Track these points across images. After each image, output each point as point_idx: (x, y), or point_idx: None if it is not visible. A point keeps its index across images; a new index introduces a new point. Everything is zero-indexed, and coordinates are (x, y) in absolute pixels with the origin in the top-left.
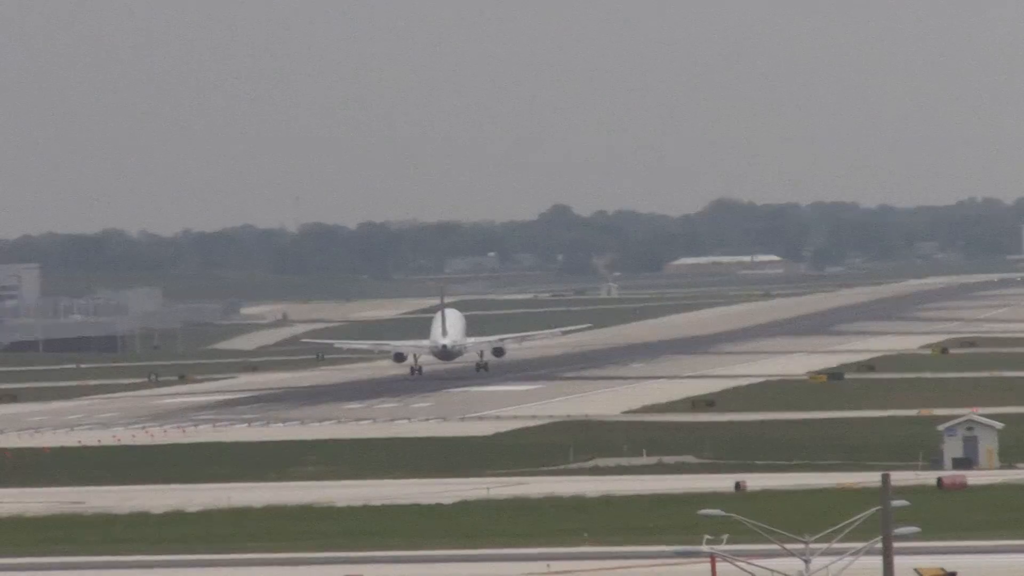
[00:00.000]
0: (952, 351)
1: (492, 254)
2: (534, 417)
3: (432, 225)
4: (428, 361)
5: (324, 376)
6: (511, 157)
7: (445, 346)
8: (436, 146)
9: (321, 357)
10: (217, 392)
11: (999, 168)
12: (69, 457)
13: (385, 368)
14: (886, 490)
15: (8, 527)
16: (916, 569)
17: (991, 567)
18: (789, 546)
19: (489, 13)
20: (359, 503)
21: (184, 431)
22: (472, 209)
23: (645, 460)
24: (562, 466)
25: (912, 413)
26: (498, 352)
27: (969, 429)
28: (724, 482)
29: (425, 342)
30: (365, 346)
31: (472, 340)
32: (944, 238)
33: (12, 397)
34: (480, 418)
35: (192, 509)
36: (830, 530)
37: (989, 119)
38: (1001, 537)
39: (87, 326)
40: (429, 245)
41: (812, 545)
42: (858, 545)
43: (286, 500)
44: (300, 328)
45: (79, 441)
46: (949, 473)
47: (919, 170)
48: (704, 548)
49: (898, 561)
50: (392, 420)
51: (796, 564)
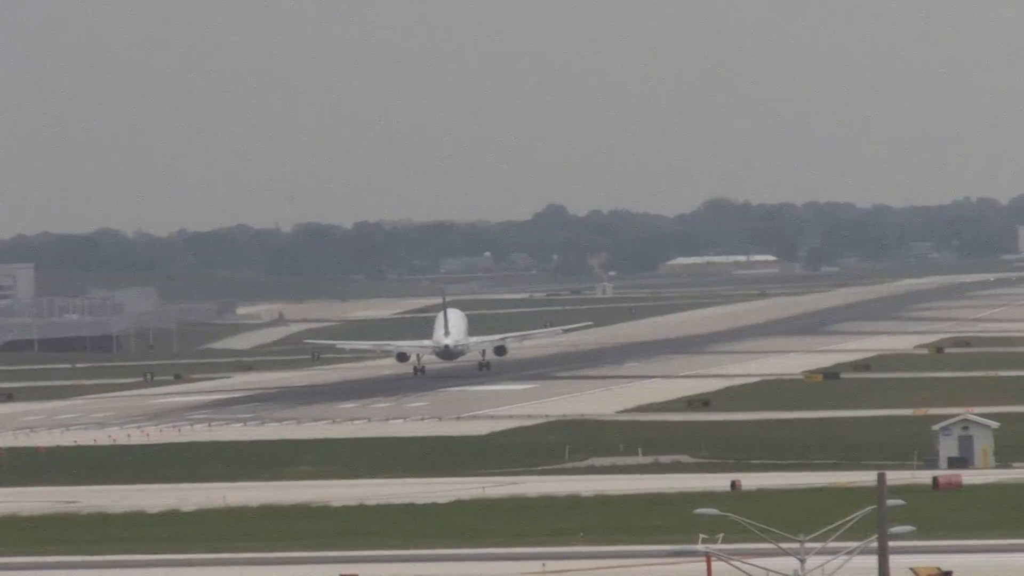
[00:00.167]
0: (947, 351)
1: (487, 254)
2: (529, 416)
3: (427, 225)
4: (430, 360)
5: (319, 376)
6: (506, 157)
7: (447, 346)
8: (431, 146)
9: (316, 357)
10: (212, 392)
11: (994, 168)
12: (64, 456)
13: (380, 367)
14: (882, 489)
15: (3, 527)
16: (911, 568)
17: (986, 566)
18: (784, 545)
19: (484, 13)
20: (354, 503)
21: (179, 430)
22: (467, 209)
23: (641, 459)
24: (557, 465)
25: (908, 412)
26: (500, 351)
27: (964, 428)
28: (720, 481)
29: (427, 342)
30: (367, 346)
31: (474, 339)
32: (939, 238)
33: (7, 396)
34: (475, 417)
35: (187, 508)
36: (825, 529)
37: (984, 119)
38: (996, 536)
39: (82, 326)
40: (424, 245)
41: (807, 544)
42: (853, 544)
43: (281, 500)
44: (295, 328)
45: (74, 441)
46: (944, 472)
47: (914, 170)
48: (700, 547)
49: (893, 560)
50: (387, 420)
51: (792, 563)
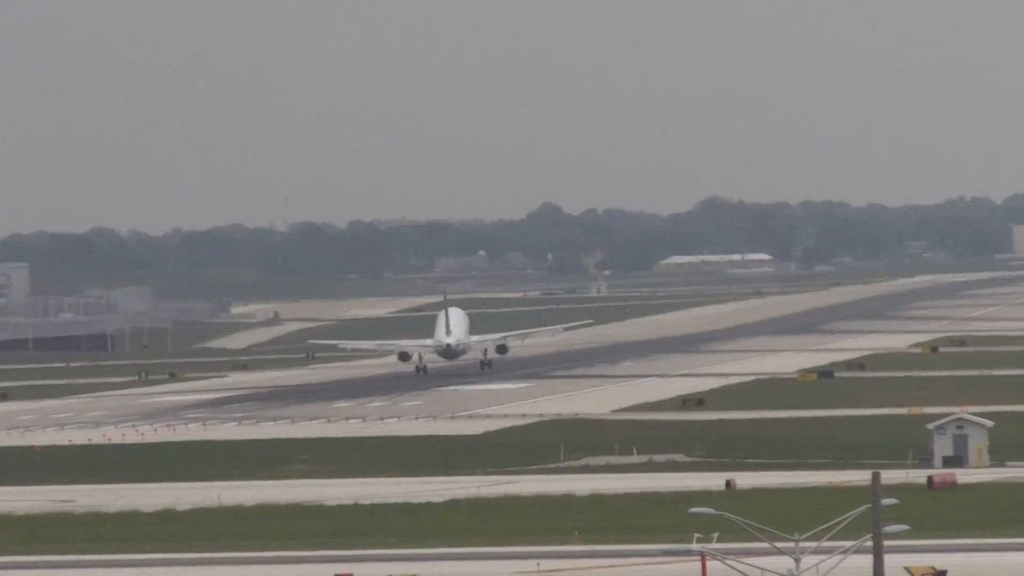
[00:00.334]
0: (942, 350)
1: (482, 253)
2: (524, 416)
3: (422, 224)
4: (432, 360)
5: (314, 375)
6: (501, 156)
7: (449, 345)
8: (426, 145)
9: (311, 356)
10: (207, 391)
11: (988, 167)
12: (59, 455)
13: (375, 367)
14: (876, 488)
15: None
16: (906, 567)
17: (981, 565)
18: (779, 544)
19: (479, 14)
20: (349, 502)
21: (174, 430)
22: (462, 208)
23: (635, 458)
24: (552, 465)
25: (902, 411)
26: (501, 350)
27: (959, 427)
28: (714, 480)
29: (429, 341)
30: (370, 346)
31: (476, 338)
32: (933, 237)
33: (2, 395)
34: (470, 417)
35: (182, 508)
36: (820, 528)
37: (979, 119)
38: (991, 535)
39: (77, 325)
40: (419, 244)
41: (802, 543)
42: (848, 543)
43: (276, 499)
44: (290, 327)
45: (69, 440)
46: (939, 471)
47: (909, 169)
48: (694, 546)
49: (888, 559)
50: (382, 419)
51: (786, 562)
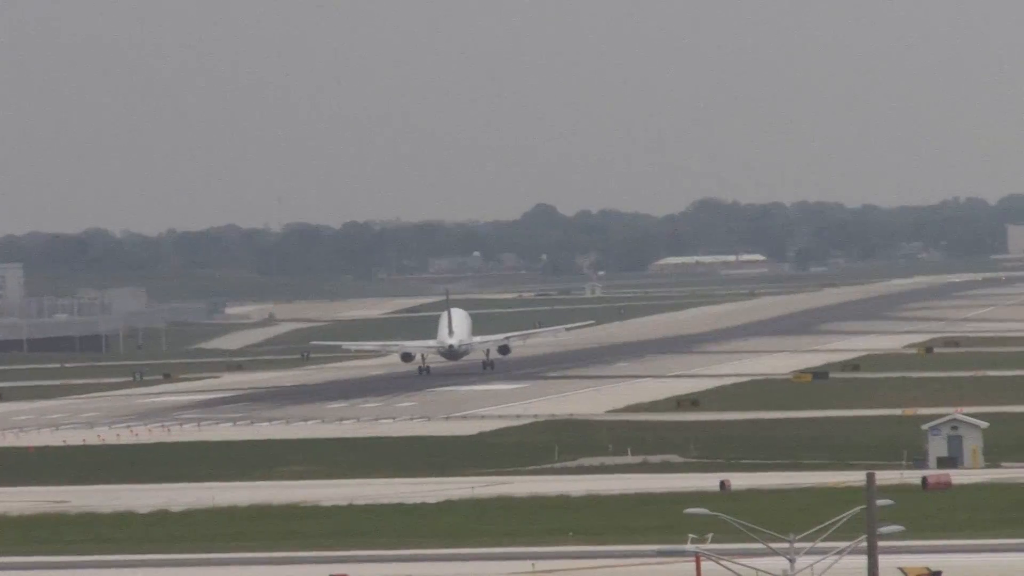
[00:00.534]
0: (936, 350)
1: (476, 254)
2: (518, 416)
3: (416, 225)
4: (435, 360)
5: (309, 376)
6: (495, 157)
7: (452, 346)
8: (420, 146)
9: (306, 356)
10: (201, 391)
11: (982, 168)
12: (53, 456)
13: (370, 367)
14: (871, 489)
15: None
16: (901, 568)
17: (976, 566)
18: (774, 545)
19: (473, 14)
20: (344, 503)
21: (168, 430)
22: (456, 209)
23: (630, 459)
24: (547, 465)
25: (897, 412)
26: (504, 350)
27: (954, 428)
28: (709, 481)
29: (432, 342)
30: (373, 347)
31: (478, 339)
32: (928, 238)
33: None
34: (464, 417)
35: (177, 508)
36: (815, 529)
37: (973, 120)
38: (986, 536)
39: (71, 325)
40: (413, 245)
41: (797, 544)
42: (843, 544)
43: (271, 499)
44: (285, 328)
45: (63, 440)
46: (934, 472)
47: (903, 170)
48: (689, 547)
49: (883, 560)
50: (376, 420)
51: (781, 563)
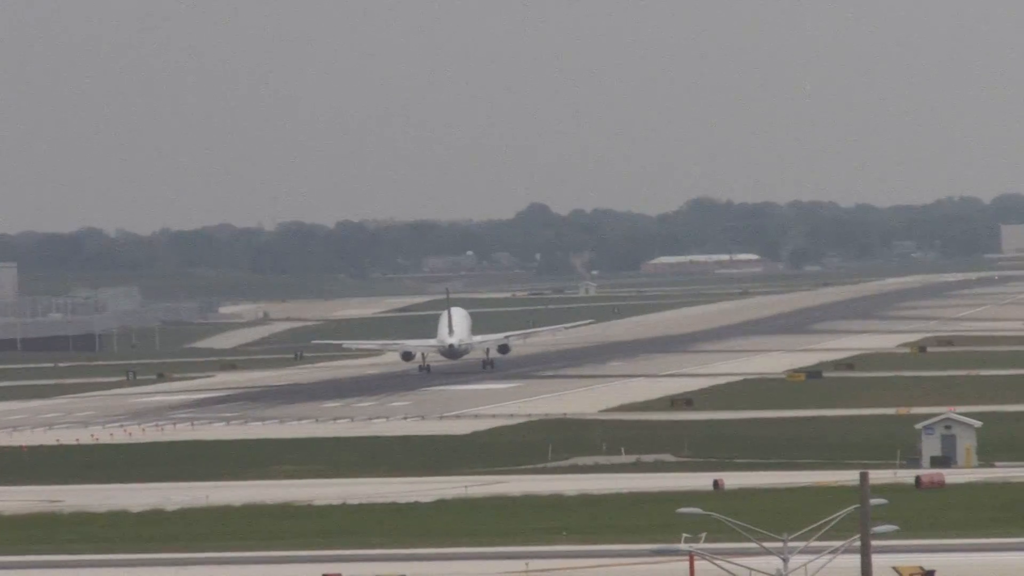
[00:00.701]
0: (930, 350)
1: (470, 253)
2: (512, 416)
3: (410, 224)
4: (435, 359)
5: (303, 375)
6: (489, 156)
7: (452, 345)
8: (414, 145)
9: (299, 356)
10: (195, 391)
11: (976, 167)
12: (47, 456)
13: (364, 367)
14: (864, 488)
15: None
16: (894, 567)
17: (969, 565)
18: (767, 544)
19: (467, 14)
20: (337, 502)
21: (162, 430)
22: (449, 208)
23: (623, 458)
24: (540, 465)
25: (890, 411)
26: (503, 349)
27: (947, 427)
28: (702, 480)
29: (432, 341)
30: (374, 346)
31: (478, 338)
32: (922, 237)
33: None
34: (458, 417)
35: (170, 508)
36: (808, 528)
37: (967, 119)
38: (979, 535)
39: (65, 325)
40: (407, 244)
41: (790, 543)
42: (836, 543)
43: (264, 499)
44: (279, 327)
45: (57, 439)
46: (927, 471)
47: (897, 170)
48: (682, 546)
49: (876, 560)
50: (370, 419)
51: (774, 562)
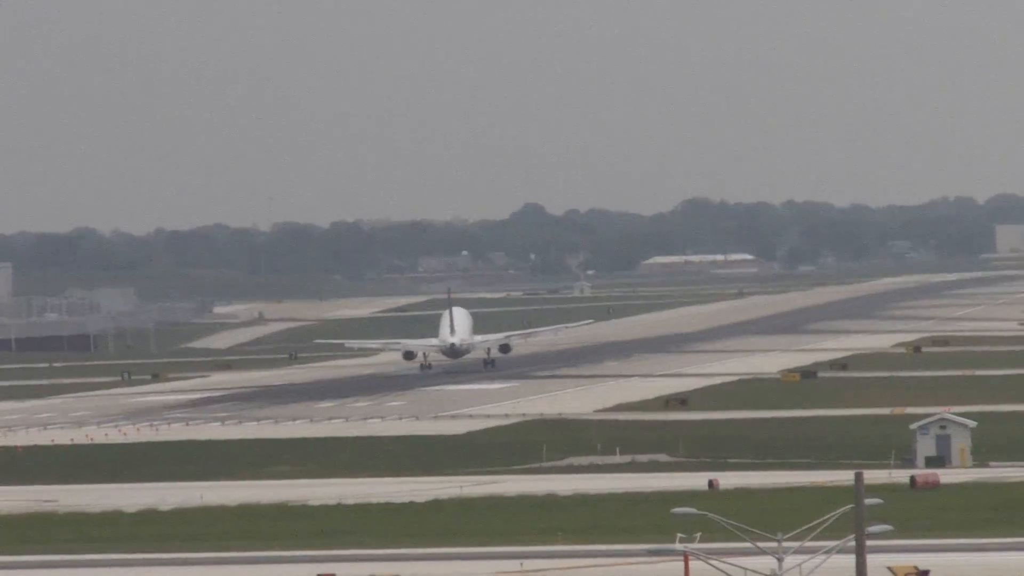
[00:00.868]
0: (925, 350)
1: (465, 253)
2: (507, 416)
3: (405, 224)
4: (437, 358)
5: (297, 375)
6: (483, 156)
7: (454, 344)
8: (409, 145)
9: (294, 356)
10: (190, 391)
11: (971, 167)
12: (42, 456)
13: (360, 366)
14: (859, 488)
15: None
16: (889, 567)
17: (964, 565)
18: (762, 544)
19: (462, 14)
20: (332, 502)
21: (157, 430)
22: (444, 208)
23: (618, 459)
24: (535, 465)
25: (885, 412)
26: (504, 349)
27: (942, 427)
28: (697, 480)
29: (434, 340)
30: (376, 345)
31: (479, 338)
32: (917, 237)
33: None
34: (453, 417)
35: (165, 508)
36: (803, 528)
37: (962, 119)
38: (974, 535)
39: (60, 325)
40: (402, 244)
41: (785, 543)
42: (831, 543)
43: (259, 499)
44: (274, 327)
45: (52, 440)
46: (922, 471)
47: (892, 170)
48: (677, 546)
49: (871, 559)
50: (365, 419)
51: (769, 562)
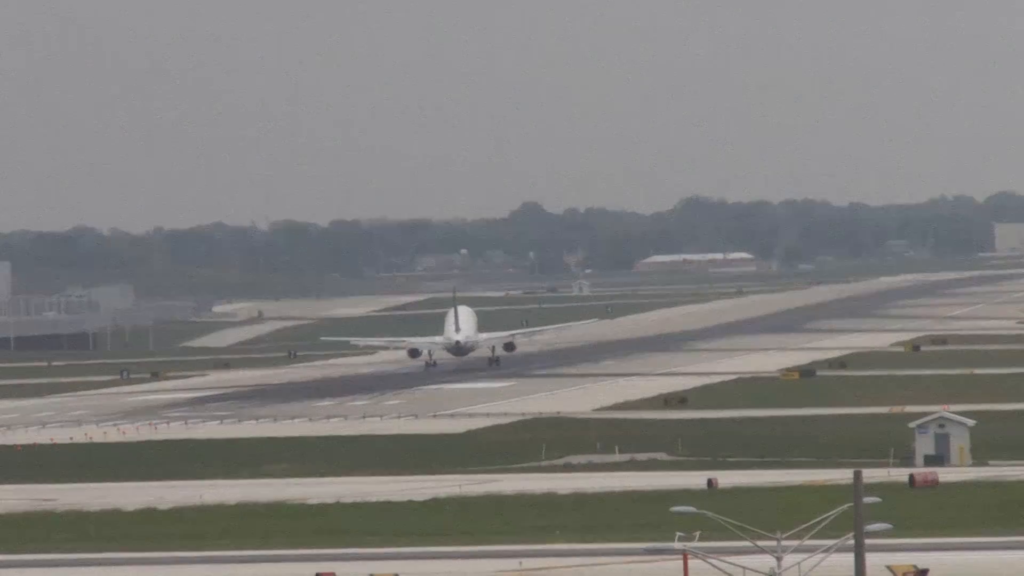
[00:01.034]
0: (924, 348)
1: (463, 251)
2: (506, 414)
3: (403, 223)
4: (442, 356)
5: (296, 373)
6: (482, 155)
7: (459, 342)
8: (407, 144)
9: (293, 355)
10: (189, 389)
11: (970, 166)
12: (41, 454)
13: (358, 365)
14: (858, 487)
15: None
16: (888, 566)
17: (963, 564)
18: (761, 543)
19: (460, 14)
20: (331, 500)
21: (156, 428)
22: (443, 207)
23: (617, 457)
24: (534, 463)
25: (884, 410)
26: (509, 347)
27: (941, 426)
28: (696, 479)
29: (439, 338)
30: (381, 342)
31: (484, 336)
32: (915, 236)
33: None
34: (452, 415)
35: (164, 506)
36: (802, 527)
37: (961, 118)
38: (973, 534)
39: (59, 323)
40: (400, 243)
41: (784, 542)
42: (830, 542)
43: (258, 497)
44: (273, 326)
45: (51, 438)
46: (921, 470)
47: (890, 168)
48: (676, 545)
49: (870, 558)
50: (364, 418)
51: (768, 561)
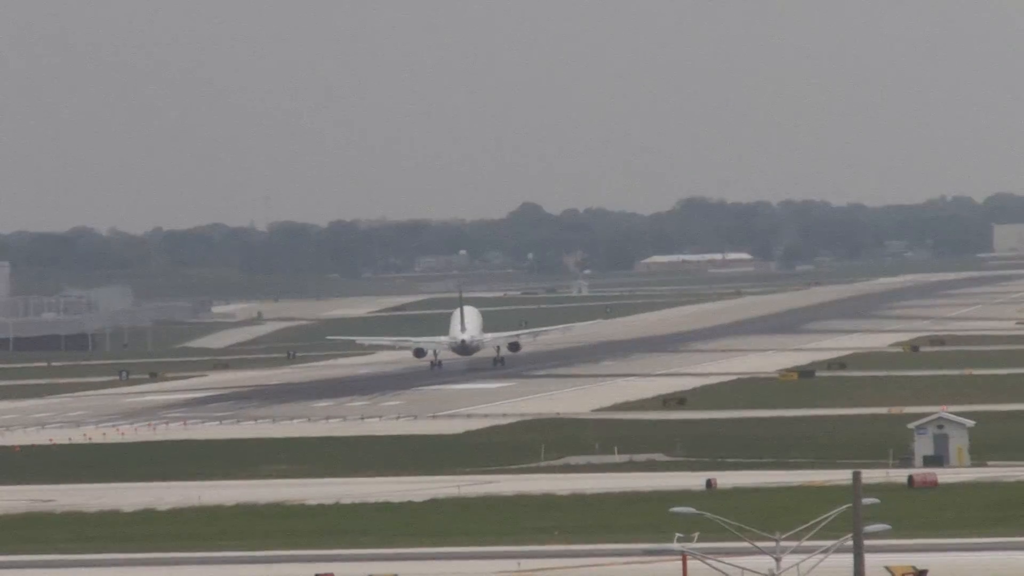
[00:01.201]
0: (922, 349)
1: (462, 252)
2: (504, 415)
3: (402, 223)
4: (447, 356)
5: (294, 374)
6: (481, 155)
7: (464, 341)
8: (406, 144)
9: (292, 355)
10: (187, 390)
11: (969, 167)
12: (39, 455)
13: (356, 365)
14: (857, 488)
15: None
16: (887, 567)
17: (961, 565)
18: (760, 544)
19: (459, 14)
20: (329, 501)
21: (154, 429)
22: (442, 207)
23: (616, 458)
24: (533, 464)
25: (883, 411)
26: (514, 347)
27: (939, 427)
28: (695, 480)
29: (444, 338)
30: (387, 342)
31: (489, 336)
32: (914, 237)
33: None
34: (451, 416)
35: (162, 507)
36: (801, 528)
37: (959, 118)
38: (971, 535)
39: (57, 324)
40: (399, 243)
41: (783, 543)
42: (829, 543)
43: (257, 498)
44: (271, 327)
45: (50, 439)
46: (919, 471)
47: (889, 169)
48: (675, 546)
49: (869, 559)
50: (362, 418)
51: (767, 562)
